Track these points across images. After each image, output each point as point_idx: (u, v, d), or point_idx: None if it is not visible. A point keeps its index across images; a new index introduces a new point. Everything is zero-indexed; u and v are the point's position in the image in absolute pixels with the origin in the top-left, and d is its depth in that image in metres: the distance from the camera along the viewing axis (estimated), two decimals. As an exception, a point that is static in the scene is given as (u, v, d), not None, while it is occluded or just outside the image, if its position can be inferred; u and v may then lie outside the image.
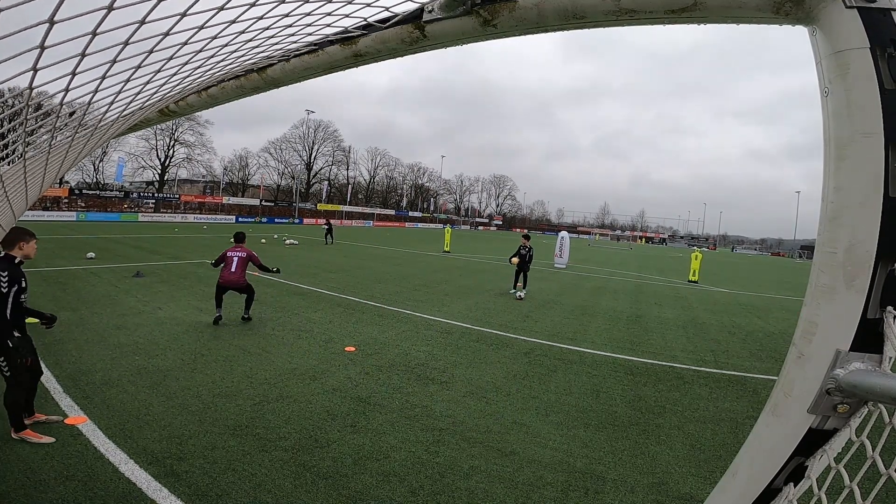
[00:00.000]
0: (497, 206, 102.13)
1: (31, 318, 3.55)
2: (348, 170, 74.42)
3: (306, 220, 53.57)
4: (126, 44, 1.00)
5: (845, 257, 0.83)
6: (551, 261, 21.07)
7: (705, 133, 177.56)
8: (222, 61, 1.62)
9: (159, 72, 1.36)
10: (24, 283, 3.40)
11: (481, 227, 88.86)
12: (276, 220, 52.02)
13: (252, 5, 1.12)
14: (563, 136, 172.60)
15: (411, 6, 1.33)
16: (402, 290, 11.12)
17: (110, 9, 0.80)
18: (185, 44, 1.18)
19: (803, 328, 0.90)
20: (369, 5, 1.33)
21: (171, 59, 1.26)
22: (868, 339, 0.82)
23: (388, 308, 8.90)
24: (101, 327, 6.29)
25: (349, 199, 66.01)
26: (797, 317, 0.93)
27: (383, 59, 1.57)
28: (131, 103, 1.65)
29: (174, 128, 51.28)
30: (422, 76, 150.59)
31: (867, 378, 0.78)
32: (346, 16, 1.39)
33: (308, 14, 1.32)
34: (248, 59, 1.76)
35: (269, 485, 3.03)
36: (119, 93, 1.36)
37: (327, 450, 3.52)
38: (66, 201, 37.37)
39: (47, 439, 3.33)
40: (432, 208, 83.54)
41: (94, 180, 46.54)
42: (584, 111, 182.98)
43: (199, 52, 1.33)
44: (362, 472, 3.25)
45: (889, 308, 0.81)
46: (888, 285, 0.81)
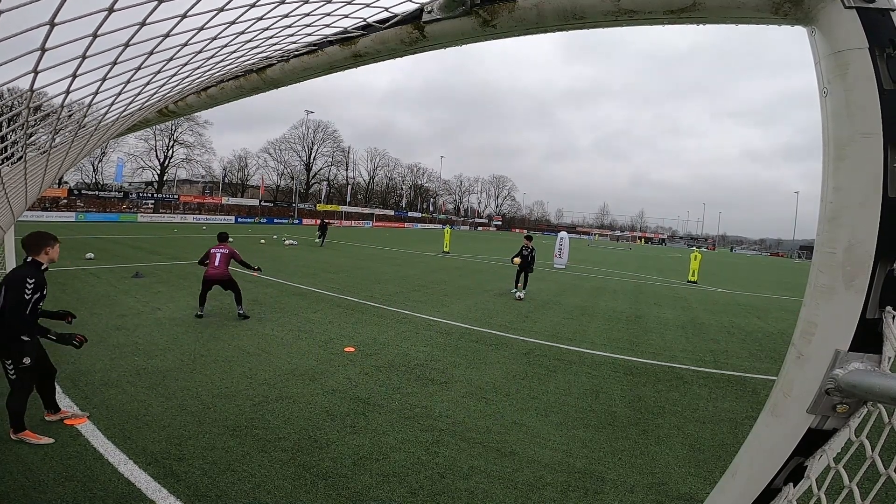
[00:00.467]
0: (496, 206, 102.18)
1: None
2: (347, 170, 74.44)
3: (306, 221, 53.54)
4: (127, 45, 1.00)
5: (844, 257, 0.83)
6: (551, 261, 21.07)
7: (704, 133, 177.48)
8: (222, 62, 1.62)
9: (159, 73, 1.36)
10: (44, 291, 3.41)
11: (481, 228, 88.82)
12: (276, 220, 52.01)
13: (252, 6, 1.12)
14: (562, 136, 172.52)
15: (411, 6, 1.33)
16: (402, 290, 11.11)
17: (111, 10, 0.80)
18: (185, 45, 1.18)
19: (802, 328, 0.90)
20: (369, 6, 1.34)
21: (171, 60, 1.26)
22: (867, 339, 0.82)
23: (387, 308, 8.90)
24: (100, 328, 6.28)
25: (348, 200, 65.97)
26: (796, 317, 0.93)
27: (383, 60, 1.57)
28: (131, 104, 1.65)
29: (173, 128, 51.18)
30: (422, 77, 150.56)
31: (866, 378, 0.78)
32: (346, 16, 1.39)
33: (307, 14, 1.33)
34: (248, 60, 1.76)
35: (268, 485, 3.02)
36: (119, 94, 1.36)
37: (327, 450, 3.52)
38: (65, 201, 37.33)
39: (46, 440, 3.33)
40: (432, 209, 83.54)
41: (94, 181, 46.48)
42: (584, 111, 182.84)
43: (199, 52, 1.33)
44: (362, 473, 3.25)
45: (888, 308, 0.81)
46: (887, 285, 0.81)
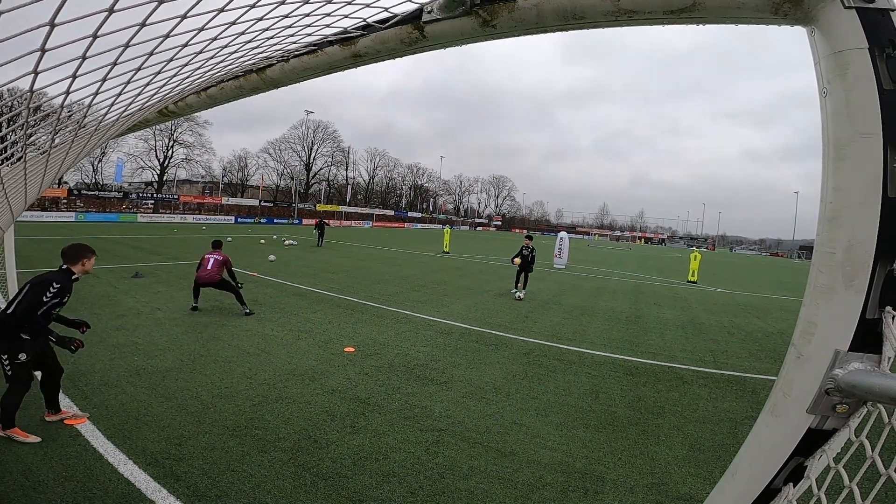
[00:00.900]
0: (496, 206, 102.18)
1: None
2: (347, 170, 74.42)
3: (305, 221, 53.51)
4: (127, 46, 1.00)
5: (844, 257, 0.83)
6: (550, 261, 21.07)
7: (704, 133, 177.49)
8: (222, 62, 1.62)
9: (159, 73, 1.36)
10: (66, 299, 3.46)
11: (480, 228, 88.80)
12: (276, 220, 52.00)
13: (252, 6, 1.12)
14: (562, 136, 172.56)
15: (410, 7, 1.33)
16: (402, 290, 11.11)
17: (111, 11, 0.80)
18: (185, 46, 1.18)
19: (802, 328, 0.90)
20: (369, 6, 1.34)
21: (171, 60, 1.26)
22: (867, 339, 0.82)
23: (387, 308, 8.89)
24: (99, 328, 6.27)
25: (348, 200, 65.96)
26: (796, 317, 0.93)
27: (383, 60, 1.57)
28: (131, 104, 1.65)
29: (173, 128, 51.17)
30: (422, 77, 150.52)
31: (866, 378, 0.78)
32: (346, 16, 1.39)
33: (307, 15, 1.33)
34: (248, 60, 1.76)
35: (268, 485, 3.02)
36: (119, 94, 1.36)
37: (327, 450, 3.52)
38: (65, 202, 37.31)
39: (33, 438, 3.32)
40: (431, 209, 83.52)
41: (93, 181, 46.46)
42: (584, 112, 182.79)
43: (199, 53, 1.33)
44: (362, 473, 3.25)
45: (888, 308, 0.81)
46: (887, 285, 0.81)
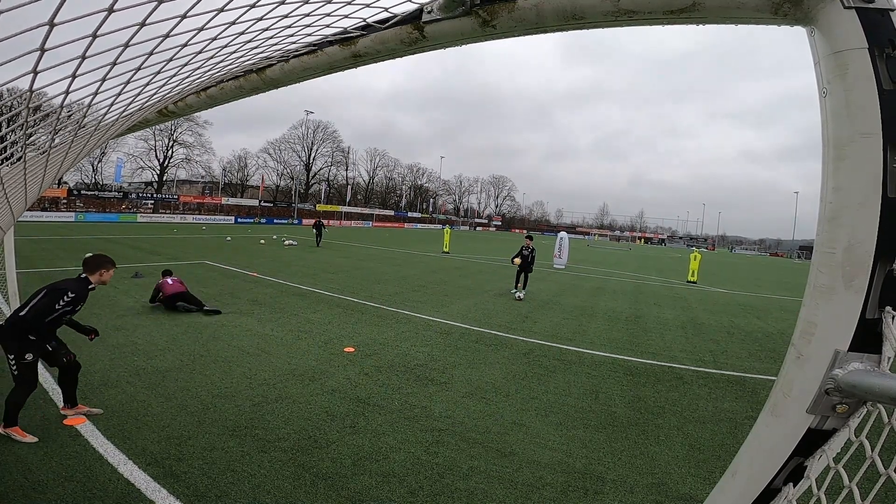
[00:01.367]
0: (496, 206, 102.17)
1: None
2: (347, 170, 74.39)
3: (305, 221, 53.50)
4: (126, 46, 1.00)
5: (844, 257, 0.83)
6: (550, 261, 21.07)
7: (703, 134, 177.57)
8: (222, 62, 1.62)
9: (159, 73, 1.36)
10: (79, 307, 3.56)
11: (480, 228, 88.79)
12: (276, 220, 51.99)
13: (252, 6, 1.12)
14: (562, 137, 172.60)
15: (410, 7, 1.33)
16: (402, 290, 11.11)
17: (111, 11, 0.80)
18: (184, 45, 1.18)
19: (802, 328, 0.90)
20: (369, 6, 1.34)
21: (170, 60, 1.26)
22: (867, 339, 0.82)
23: (387, 309, 8.89)
24: (99, 328, 6.21)
25: (348, 200, 65.95)
26: (796, 317, 0.93)
27: (383, 60, 1.57)
28: (131, 104, 1.65)
29: (173, 128, 51.13)
30: (422, 78, 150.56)
31: (866, 378, 0.78)
32: (346, 16, 1.39)
33: (307, 15, 1.33)
34: (248, 60, 1.76)
35: (268, 485, 3.02)
36: (119, 94, 1.36)
37: (326, 450, 3.52)
38: (65, 202, 37.28)
39: (30, 438, 3.32)
40: (431, 209, 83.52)
41: (93, 181, 46.44)
42: (584, 113, 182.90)
43: (199, 53, 1.33)
44: (361, 473, 3.25)
45: (888, 308, 0.81)
46: (887, 285, 0.81)
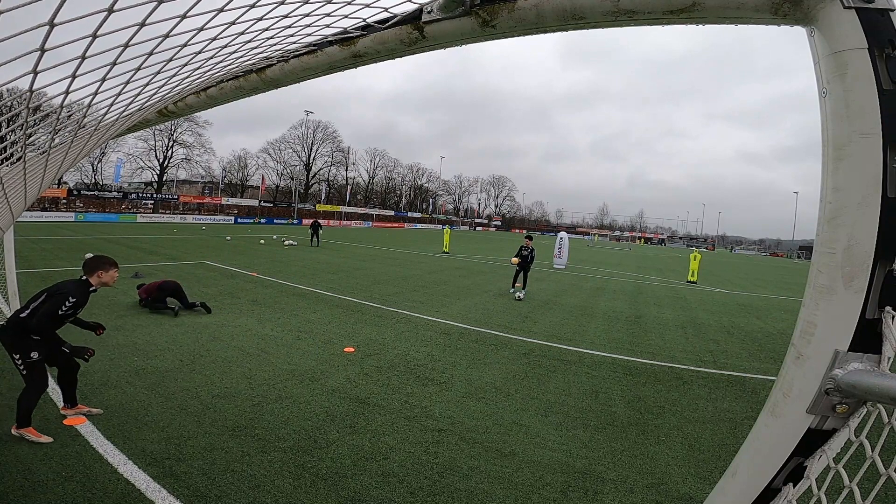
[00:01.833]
0: (496, 206, 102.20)
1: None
2: (347, 170, 74.40)
3: (305, 221, 53.51)
4: (126, 46, 1.00)
5: (844, 257, 0.83)
6: (550, 261, 21.07)
7: (702, 135, 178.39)
8: (222, 62, 1.62)
9: (159, 73, 1.36)
10: (80, 309, 3.53)
11: (480, 228, 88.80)
12: (275, 220, 51.98)
13: (252, 6, 1.12)
14: (561, 138, 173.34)
15: (410, 7, 1.33)
16: (402, 290, 11.11)
17: (111, 11, 0.80)
18: (184, 45, 1.18)
19: (802, 328, 0.90)
20: (369, 6, 1.34)
21: (170, 60, 1.26)
22: (867, 339, 0.82)
23: (387, 309, 8.89)
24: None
25: (348, 200, 65.94)
26: (796, 317, 0.93)
27: (383, 60, 1.57)
28: (131, 104, 1.65)
29: (173, 128, 51.16)
30: (423, 80, 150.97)
31: (866, 378, 0.78)
32: (346, 16, 1.39)
33: (307, 15, 1.33)
34: (248, 60, 1.76)
35: (268, 486, 3.02)
36: (119, 94, 1.36)
37: (326, 450, 3.52)
38: (65, 202, 37.30)
39: (45, 439, 3.33)
40: (431, 209, 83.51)
41: (93, 181, 46.44)
42: (583, 114, 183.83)
43: (199, 53, 1.33)
44: (361, 473, 3.25)
45: (888, 308, 0.81)
46: (887, 285, 0.81)
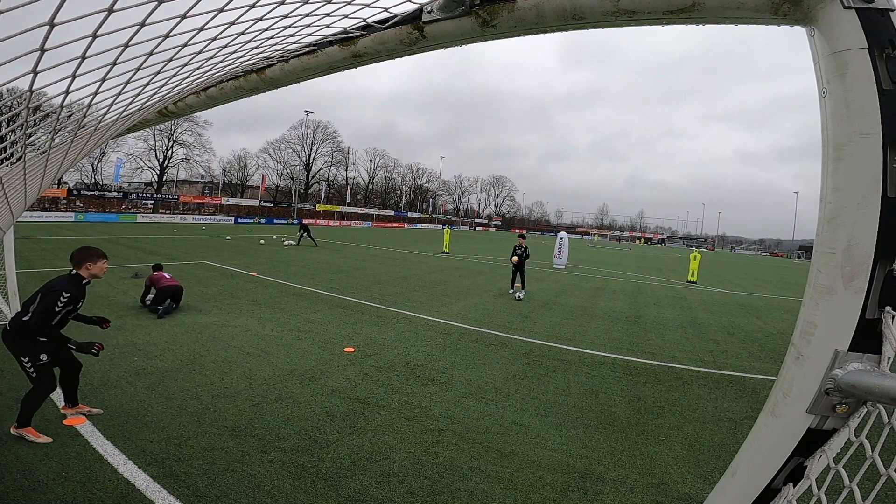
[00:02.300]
0: (496, 206, 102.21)
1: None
2: (347, 170, 74.39)
3: (305, 221, 53.44)
4: (126, 46, 1.00)
5: (844, 257, 0.83)
6: (550, 261, 21.06)
7: (702, 135, 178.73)
8: (222, 62, 1.62)
9: (159, 73, 1.36)
10: (79, 304, 3.51)
11: (480, 228, 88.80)
12: (275, 220, 51.94)
13: (252, 6, 1.12)
14: (561, 138, 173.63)
15: (410, 7, 1.33)
16: (402, 290, 11.11)
17: (111, 11, 0.80)
18: (184, 45, 1.18)
19: (802, 328, 0.90)
20: (369, 6, 1.34)
21: (170, 60, 1.26)
22: (867, 339, 0.82)
23: (387, 309, 8.89)
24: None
25: (348, 200, 65.94)
26: (796, 317, 0.92)
27: (382, 60, 1.57)
28: (131, 104, 1.65)
29: (173, 128, 51.15)
30: (424, 80, 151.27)
31: (866, 378, 0.78)
32: (346, 16, 1.39)
33: (307, 15, 1.33)
34: (248, 60, 1.76)
35: (268, 486, 3.02)
36: (119, 94, 1.36)
37: (326, 451, 3.52)
38: (65, 202, 37.28)
39: (45, 439, 3.33)
40: (431, 209, 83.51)
41: (93, 181, 46.43)
42: (583, 115, 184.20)
43: (199, 53, 1.33)
44: (361, 473, 3.25)
45: (888, 308, 0.81)
46: (887, 285, 0.81)
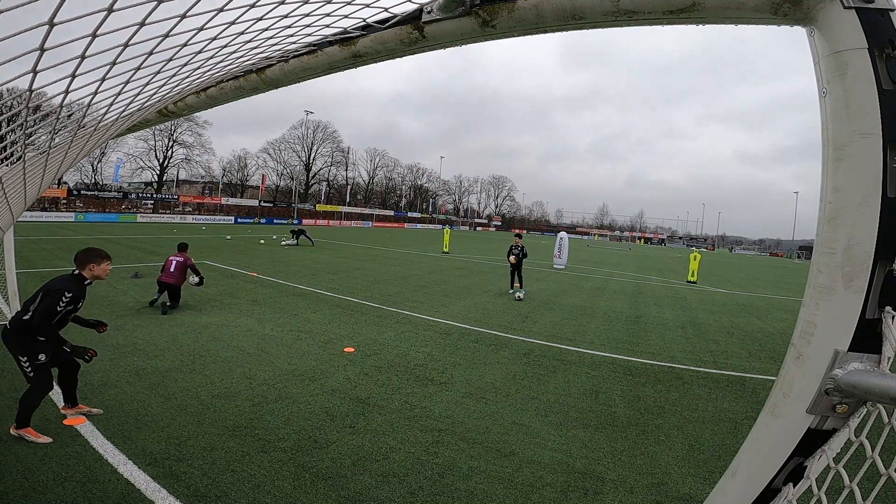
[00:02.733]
0: (496, 206, 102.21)
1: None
2: (347, 170, 74.39)
3: (305, 221, 53.57)
4: (126, 45, 1.00)
5: (844, 257, 0.83)
6: (550, 261, 21.06)
7: (702, 135, 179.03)
8: (222, 62, 1.62)
9: (159, 73, 1.36)
10: (80, 304, 3.53)
11: (480, 228, 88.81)
12: (275, 220, 51.97)
13: (252, 6, 1.12)
14: (561, 138, 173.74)
15: (410, 7, 1.33)
16: (402, 290, 11.11)
17: (110, 10, 0.80)
18: (184, 45, 1.18)
19: (802, 328, 0.89)
20: (369, 6, 1.33)
21: (170, 60, 1.26)
22: (867, 339, 0.82)
23: (387, 309, 8.89)
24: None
25: (348, 200, 65.94)
26: (796, 317, 0.92)
27: (383, 60, 1.57)
28: (130, 104, 1.65)
29: (173, 128, 51.18)
30: (424, 81, 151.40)
31: (866, 378, 0.78)
32: (346, 16, 1.39)
33: (307, 15, 1.32)
34: (248, 60, 1.76)
35: (268, 486, 3.02)
36: (118, 94, 1.36)
37: (326, 451, 3.52)
38: (65, 202, 37.30)
39: (45, 439, 3.33)
40: (431, 209, 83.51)
41: (93, 181, 46.43)
42: (583, 115, 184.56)
43: (199, 53, 1.33)
44: (361, 473, 3.25)
45: (888, 308, 0.81)
46: (887, 285, 0.81)
